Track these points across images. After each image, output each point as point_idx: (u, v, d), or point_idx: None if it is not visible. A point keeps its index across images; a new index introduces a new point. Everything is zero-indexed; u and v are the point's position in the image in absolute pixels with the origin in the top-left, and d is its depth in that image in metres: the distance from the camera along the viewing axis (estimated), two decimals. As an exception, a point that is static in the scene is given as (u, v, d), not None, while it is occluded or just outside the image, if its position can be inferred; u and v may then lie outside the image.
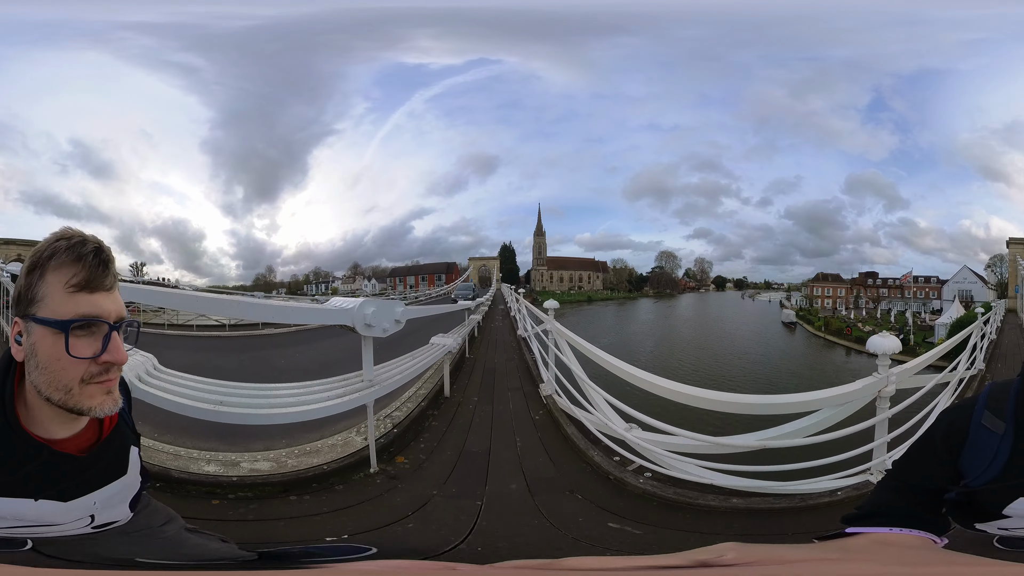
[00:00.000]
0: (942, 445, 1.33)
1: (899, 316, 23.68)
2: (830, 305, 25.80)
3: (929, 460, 1.37)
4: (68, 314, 1.13)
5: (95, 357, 1.15)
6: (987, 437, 1.26)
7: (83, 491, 1.24)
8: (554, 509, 3.47)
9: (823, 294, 26.40)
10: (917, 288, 24.64)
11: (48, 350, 1.13)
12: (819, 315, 25.11)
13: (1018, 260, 20.32)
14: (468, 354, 9.49)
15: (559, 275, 41.72)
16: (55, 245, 1.16)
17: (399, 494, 3.71)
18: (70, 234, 1.18)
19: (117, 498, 1.33)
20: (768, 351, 21.56)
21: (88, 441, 1.25)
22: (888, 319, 23.60)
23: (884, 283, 25.91)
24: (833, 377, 18.31)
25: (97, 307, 1.15)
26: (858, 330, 22.13)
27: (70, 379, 1.14)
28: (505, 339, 12.27)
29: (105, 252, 1.19)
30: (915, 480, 1.39)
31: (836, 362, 20.07)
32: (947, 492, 1.36)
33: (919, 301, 24.31)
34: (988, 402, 1.29)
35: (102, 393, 1.17)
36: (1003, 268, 22.49)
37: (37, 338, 1.14)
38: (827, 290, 26.40)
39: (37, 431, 1.18)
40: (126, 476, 1.33)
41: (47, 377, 1.14)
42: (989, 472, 1.26)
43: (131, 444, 1.37)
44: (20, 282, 1.18)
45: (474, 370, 8.43)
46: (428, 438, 4.94)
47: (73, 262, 1.14)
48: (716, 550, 1.07)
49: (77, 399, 1.15)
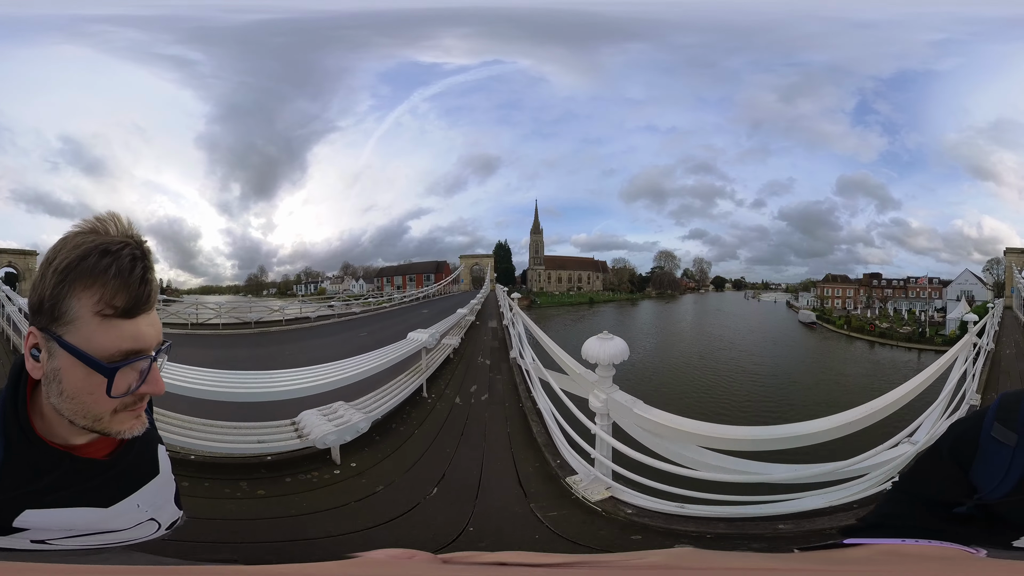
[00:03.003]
0: (950, 458, 1.29)
1: (910, 314, 25.23)
2: (840, 305, 27.14)
3: (937, 473, 1.32)
4: (110, 349, 0.98)
5: (132, 391, 1.03)
6: (998, 449, 1.22)
7: (120, 495, 1.19)
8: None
9: (833, 294, 27.72)
10: (920, 289, 26.31)
11: (78, 383, 1.00)
12: (832, 314, 26.39)
13: (1013, 267, 22.15)
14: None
15: (557, 275, 41.55)
16: (92, 252, 0.96)
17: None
18: (110, 240, 0.98)
19: (161, 498, 1.29)
20: (812, 354, 22.46)
21: (110, 446, 1.16)
22: (900, 317, 25.09)
23: (888, 283, 27.53)
24: (890, 370, 19.29)
25: (140, 339, 1.01)
26: (878, 327, 23.46)
27: (101, 411, 1.03)
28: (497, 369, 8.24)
29: (149, 262, 1.01)
30: (925, 493, 1.34)
31: (872, 356, 21.21)
32: (959, 505, 1.29)
33: (923, 300, 25.98)
34: (998, 413, 1.24)
35: (132, 418, 1.08)
36: (1000, 270, 24.32)
37: (63, 365, 1.00)
38: (836, 290, 27.75)
39: (56, 440, 1.09)
40: (160, 475, 1.28)
41: (74, 407, 1.02)
42: (1004, 485, 1.20)
43: (157, 443, 1.30)
44: (42, 288, 0.99)
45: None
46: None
47: (116, 281, 0.96)
48: (669, 555, 0.98)
49: (106, 426, 1.06)
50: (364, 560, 0.98)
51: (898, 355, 21.13)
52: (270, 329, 16.65)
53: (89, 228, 0.99)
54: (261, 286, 38.75)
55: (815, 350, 22.47)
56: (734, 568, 0.95)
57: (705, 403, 15.38)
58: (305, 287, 42.21)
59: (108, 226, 1.00)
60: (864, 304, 26.11)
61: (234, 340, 14.85)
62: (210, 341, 14.31)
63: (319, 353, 8.54)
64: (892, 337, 22.47)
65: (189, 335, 15.12)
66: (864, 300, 26.31)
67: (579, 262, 41.81)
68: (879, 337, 21.94)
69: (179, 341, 14.06)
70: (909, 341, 22.01)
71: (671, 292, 37.89)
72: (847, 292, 27.52)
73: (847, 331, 23.94)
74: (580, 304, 39.73)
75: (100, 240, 0.97)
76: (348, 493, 3.83)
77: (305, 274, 42.33)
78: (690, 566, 0.92)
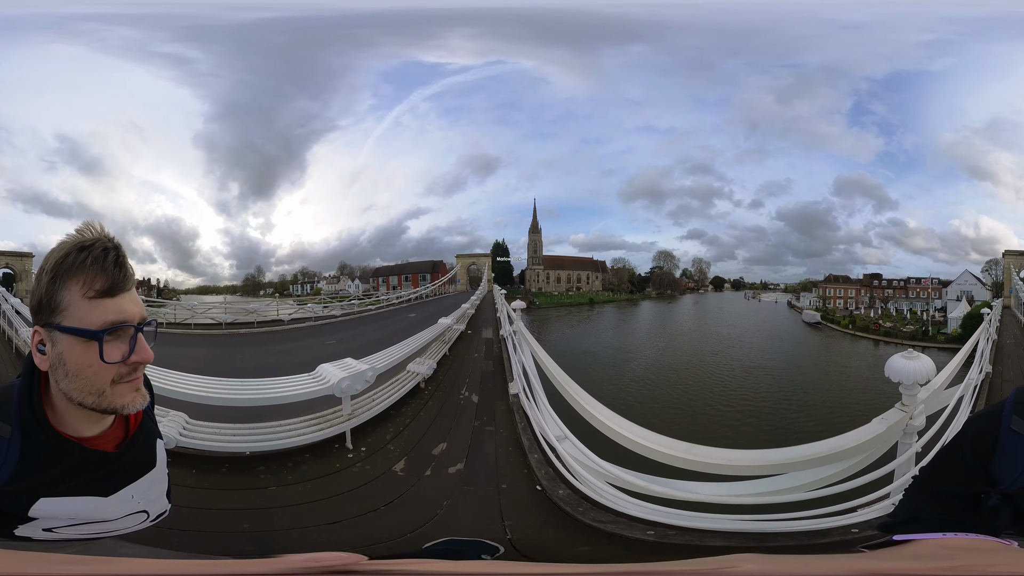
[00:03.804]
0: (970, 452, 1.31)
1: (912, 313, 25.62)
2: (842, 305, 27.51)
3: (958, 468, 1.34)
4: (97, 322, 1.15)
5: (125, 360, 1.18)
6: (1018, 441, 1.24)
7: (119, 485, 1.29)
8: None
9: (835, 295, 28.06)
10: (921, 289, 26.76)
11: (78, 358, 1.16)
12: (835, 314, 26.71)
13: (1012, 269, 22.68)
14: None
15: (556, 275, 41.49)
16: (72, 250, 1.16)
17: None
18: (86, 239, 1.18)
19: (155, 491, 1.39)
20: (820, 351, 22.81)
21: (118, 437, 1.30)
22: (903, 316, 25.47)
23: (889, 284, 27.97)
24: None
25: (123, 312, 1.18)
26: (883, 326, 23.83)
27: (102, 383, 1.17)
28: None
29: (122, 253, 1.19)
30: (947, 487, 1.36)
31: (878, 353, 21.66)
32: (981, 498, 1.33)
33: (923, 300, 26.43)
34: (1015, 406, 1.26)
35: (132, 391, 1.21)
36: (998, 271, 24.80)
37: (64, 347, 1.16)
38: (838, 291, 28.10)
39: (67, 431, 1.21)
40: (156, 468, 1.38)
41: (79, 384, 1.16)
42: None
43: (156, 437, 1.41)
44: (40, 291, 1.18)
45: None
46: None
47: (94, 268, 1.15)
48: (725, 561, 0.97)
49: (110, 400, 1.19)
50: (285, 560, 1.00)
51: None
52: (239, 331, 15.96)
53: (75, 241, 1.17)
54: (258, 286, 38.28)
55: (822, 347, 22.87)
56: (813, 573, 0.96)
57: (728, 395, 15.65)
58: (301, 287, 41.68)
59: (86, 232, 1.18)
60: (867, 304, 26.48)
61: (195, 340, 14.54)
62: (175, 340, 13.93)
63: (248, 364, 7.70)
64: (897, 336, 22.85)
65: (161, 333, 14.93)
66: (866, 300, 26.71)
67: (578, 262, 41.75)
68: (884, 336, 22.28)
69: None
70: (913, 339, 22.43)
71: (671, 292, 38.07)
72: (848, 292, 27.88)
73: (852, 330, 24.23)
74: (580, 305, 39.67)
75: (77, 240, 1.17)
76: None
77: (302, 274, 41.83)
78: (754, 574, 0.90)
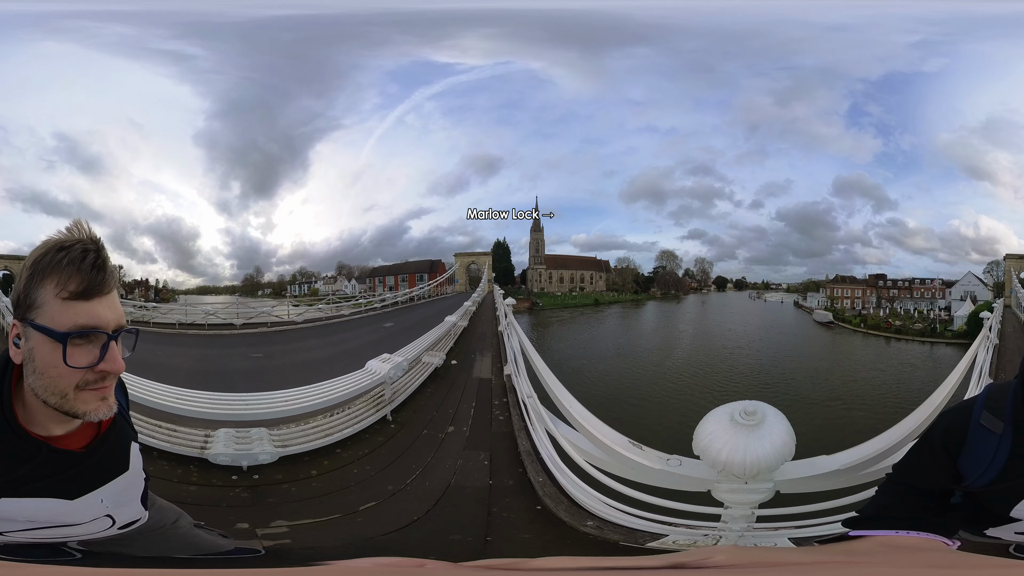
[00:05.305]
0: (940, 446, 1.31)
1: (919, 312, 26.28)
2: (849, 304, 28.05)
3: (929, 462, 1.34)
4: (66, 324, 1.13)
5: (92, 366, 1.15)
6: (986, 437, 1.24)
7: (87, 488, 1.24)
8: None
9: (842, 295, 28.59)
10: (926, 289, 27.45)
11: (45, 357, 1.14)
12: (844, 314, 27.22)
13: (1012, 272, 23.49)
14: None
15: (559, 275, 41.29)
16: (51, 249, 1.15)
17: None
18: (69, 238, 1.16)
19: (127, 496, 1.34)
20: (840, 352, 23.27)
21: (87, 438, 1.25)
22: (910, 315, 26.12)
23: (894, 284, 28.65)
24: (918, 363, 20.37)
25: (95, 317, 1.15)
26: (894, 324, 24.41)
27: (65, 386, 1.14)
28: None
29: (102, 256, 1.16)
30: (916, 483, 1.37)
31: (890, 349, 22.36)
32: (950, 495, 1.34)
33: (927, 300, 27.11)
34: (987, 402, 1.27)
35: (96, 399, 1.17)
36: (999, 272, 25.60)
37: (35, 344, 1.15)
38: (845, 291, 28.64)
39: (36, 429, 1.18)
40: (129, 472, 1.32)
41: (44, 382, 1.14)
42: (989, 473, 1.24)
43: (131, 440, 1.35)
44: (19, 286, 1.18)
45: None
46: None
47: (69, 268, 1.13)
48: (701, 552, 1.02)
49: (72, 404, 1.15)
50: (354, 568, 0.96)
51: (914, 348, 22.78)
52: (202, 332, 15.43)
53: (58, 240, 1.15)
54: (257, 286, 37.37)
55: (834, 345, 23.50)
56: (768, 564, 1.03)
57: (758, 385, 16.21)
58: (299, 287, 40.77)
59: (73, 232, 1.17)
60: (874, 304, 27.06)
61: (157, 338, 13.96)
62: (145, 337, 13.81)
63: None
64: (907, 333, 23.71)
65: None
66: (873, 300, 27.33)
67: (581, 261, 41.56)
68: (895, 334, 23.02)
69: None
70: (923, 336, 23.40)
71: (675, 292, 38.33)
72: (855, 293, 28.49)
73: (864, 329, 24.81)
74: (585, 306, 39.57)
75: (59, 239, 1.15)
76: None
77: (300, 274, 40.93)
78: (726, 563, 0.96)
